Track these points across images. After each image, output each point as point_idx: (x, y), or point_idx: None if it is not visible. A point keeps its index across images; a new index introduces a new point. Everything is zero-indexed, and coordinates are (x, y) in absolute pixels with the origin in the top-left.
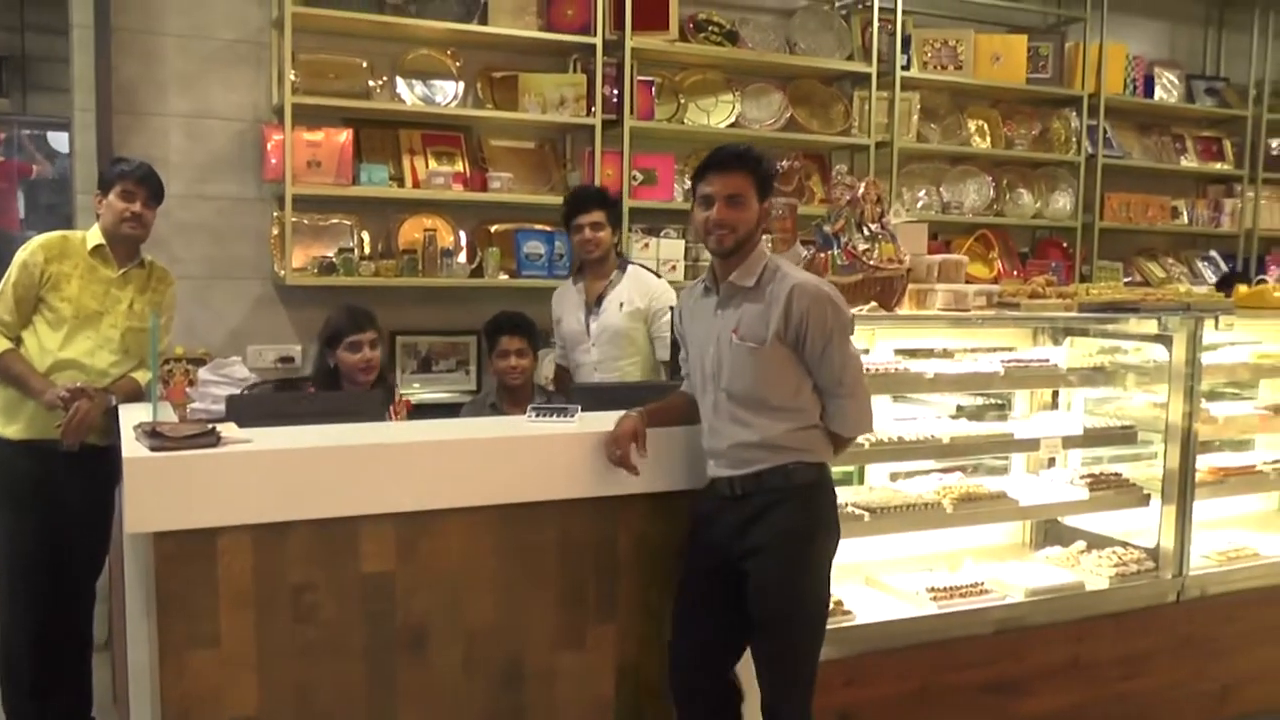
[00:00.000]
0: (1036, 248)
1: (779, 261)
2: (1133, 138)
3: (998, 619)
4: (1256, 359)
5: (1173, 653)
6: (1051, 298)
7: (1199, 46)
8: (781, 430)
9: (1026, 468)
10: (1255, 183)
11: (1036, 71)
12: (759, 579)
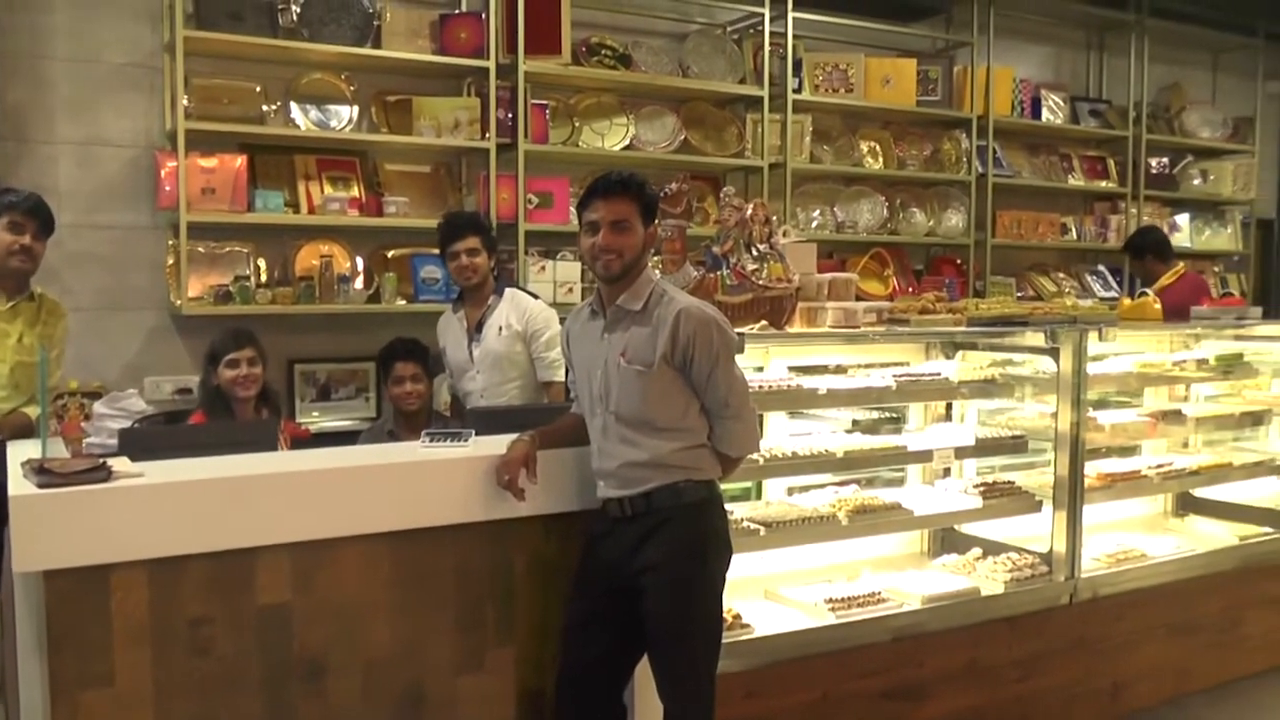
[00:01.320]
0: (931, 264)
1: (666, 285)
2: (1022, 157)
3: (896, 627)
4: (1140, 368)
5: (1066, 653)
6: (942, 313)
7: (1082, 70)
8: (669, 450)
9: (922, 478)
10: (1138, 199)
11: (926, 94)
12: (654, 596)
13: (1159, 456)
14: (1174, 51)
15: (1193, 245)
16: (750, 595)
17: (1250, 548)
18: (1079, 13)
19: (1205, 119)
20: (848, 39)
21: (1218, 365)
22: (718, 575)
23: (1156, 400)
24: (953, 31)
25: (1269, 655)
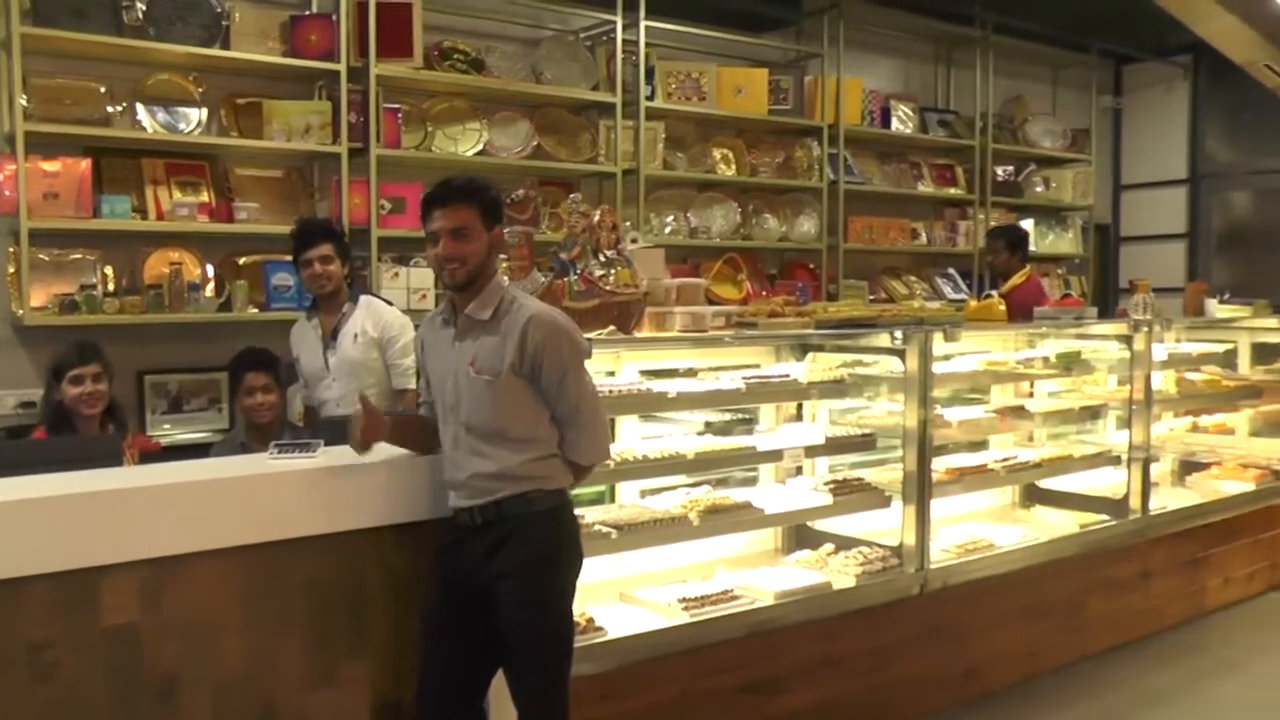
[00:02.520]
0: (784, 269)
1: (516, 292)
2: (873, 165)
3: (750, 623)
4: (986, 367)
5: (919, 642)
6: (790, 316)
7: (931, 82)
8: (519, 461)
9: (774, 477)
10: (985, 206)
11: (778, 103)
12: (507, 604)
13: (1005, 450)
14: (1017, 66)
15: (1037, 249)
16: (605, 598)
17: (1092, 534)
18: (927, 28)
19: (1047, 130)
20: (700, 48)
21: (1059, 363)
22: (569, 583)
23: (1003, 397)
24: (803, 43)
25: (1112, 635)
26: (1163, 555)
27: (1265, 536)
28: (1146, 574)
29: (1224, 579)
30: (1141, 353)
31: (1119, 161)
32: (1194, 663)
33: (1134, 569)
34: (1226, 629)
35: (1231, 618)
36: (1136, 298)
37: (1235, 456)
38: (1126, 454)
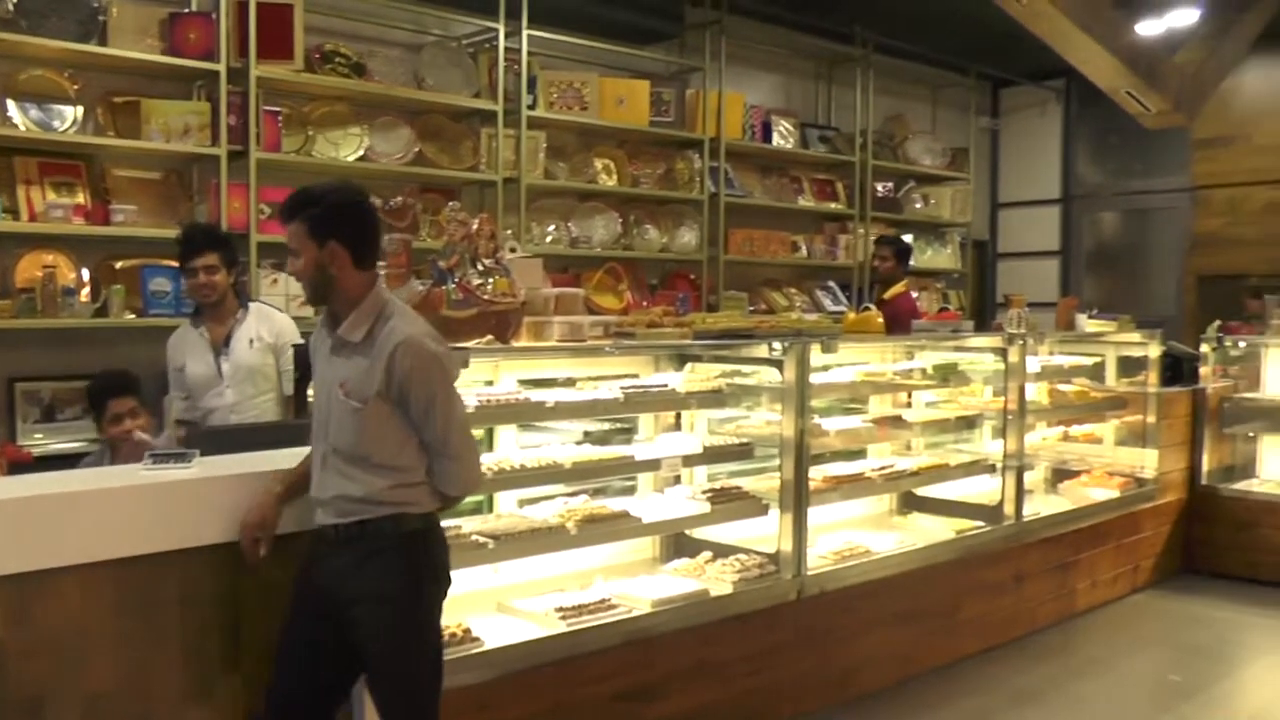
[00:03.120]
0: (665, 279)
1: (394, 310)
2: (754, 179)
3: (626, 631)
4: (863, 377)
5: (795, 646)
6: (669, 327)
7: (812, 98)
8: (384, 487)
9: (653, 486)
10: (865, 220)
11: (660, 115)
12: (366, 628)
13: (882, 459)
14: (897, 85)
15: (916, 264)
16: (482, 609)
17: (966, 540)
18: (808, 45)
19: (926, 148)
20: (583, 58)
21: (936, 374)
22: (433, 607)
23: (881, 407)
24: (686, 56)
25: (985, 637)
26: (1035, 559)
27: (1129, 541)
28: (1020, 577)
29: (1092, 582)
30: (1016, 365)
31: (996, 180)
32: (1063, 662)
33: (1008, 573)
34: (1093, 629)
35: (1098, 619)
36: (1012, 312)
37: (1103, 465)
38: (1001, 462)
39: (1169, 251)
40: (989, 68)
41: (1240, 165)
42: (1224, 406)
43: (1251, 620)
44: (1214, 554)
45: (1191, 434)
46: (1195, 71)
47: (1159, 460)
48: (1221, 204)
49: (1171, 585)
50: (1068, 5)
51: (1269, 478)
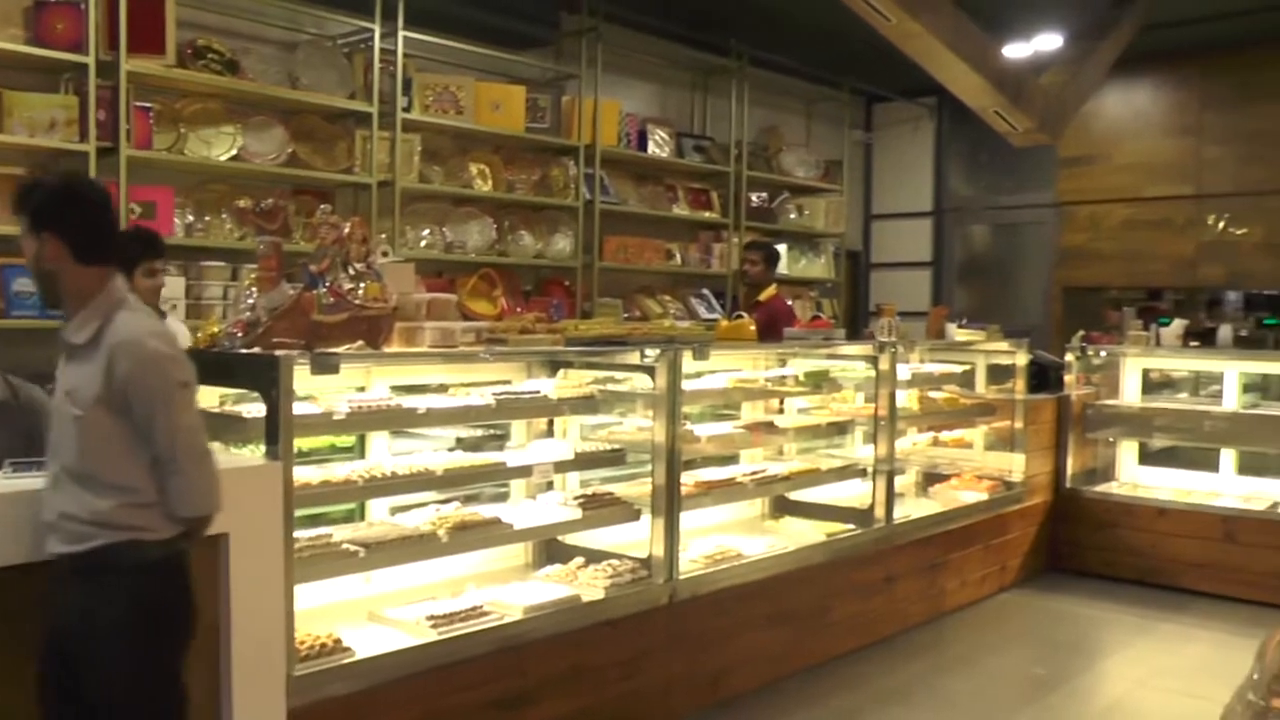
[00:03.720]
0: (540, 286)
1: (125, 309)
2: (629, 186)
3: (498, 638)
4: (735, 384)
5: (667, 650)
6: (541, 333)
7: (687, 108)
8: (110, 507)
9: (526, 493)
10: (739, 230)
11: (536, 121)
12: (90, 669)
13: (755, 464)
14: (772, 98)
15: (790, 273)
16: (354, 618)
17: (837, 543)
18: (684, 56)
19: (800, 160)
20: (459, 62)
21: (808, 381)
22: (169, 653)
23: (753, 413)
24: (562, 63)
25: (855, 637)
26: (905, 561)
27: (996, 542)
28: (890, 578)
29: (961, 581)
30: (886, 372)
31: (869, 192)
32: (932, 660)
33: (878, 574)
34: (962, 628)
35: (967, 617)
36: (883, 320)
37: (972, 469)
38: (872, 467)
39: (1036, 264)
40: (863, 83)
41: (1102, 183)
42: (1087, 413)
43: (1111, 616)
44: (1077, 553)
45: (1056, 439)
46: (1059, 93)
47: (1026, 464)
48: (1085, 220)
49: (1037, 584)
50: (936, 26)
51: (1127, 480)
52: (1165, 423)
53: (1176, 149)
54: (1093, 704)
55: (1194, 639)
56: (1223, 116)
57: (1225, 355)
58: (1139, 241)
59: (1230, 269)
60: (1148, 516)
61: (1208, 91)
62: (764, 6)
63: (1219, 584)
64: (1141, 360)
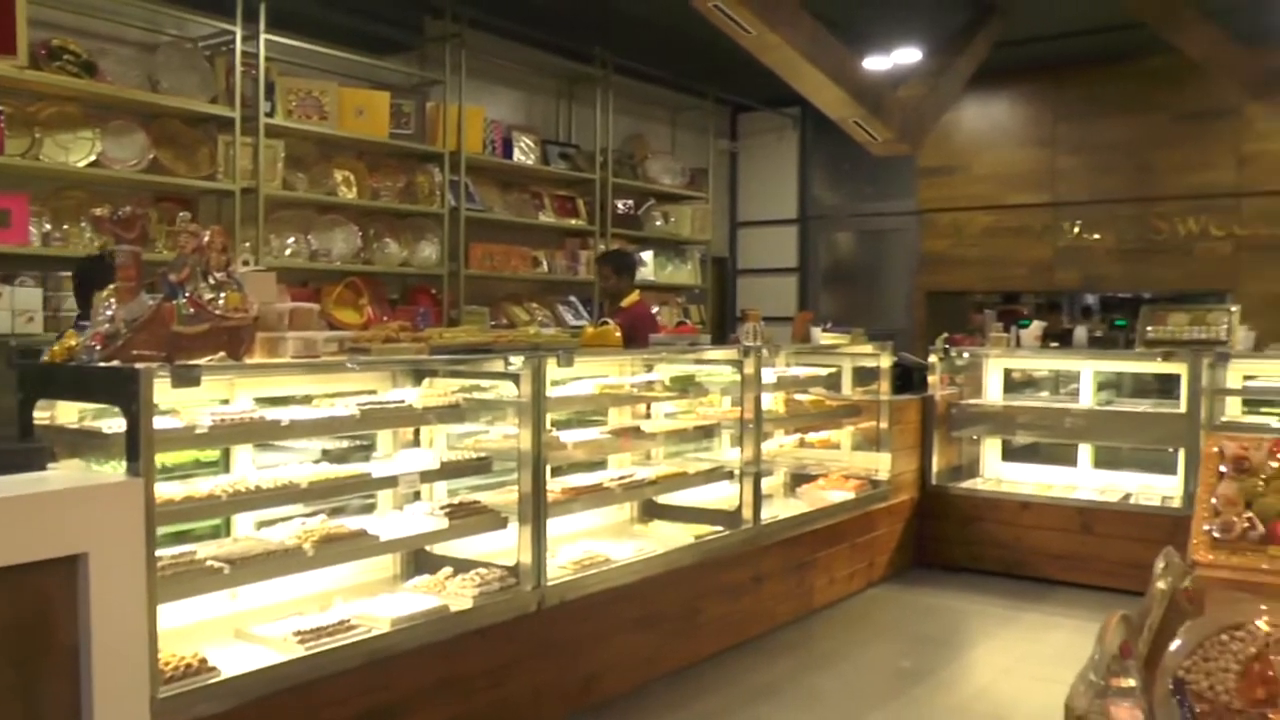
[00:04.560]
0: (407, 294)
1: None
2: (495, 194)
3: (366, 652)
4: (601, 390)
5: (537, 657)
6: (406, 342)
7: (553, 116)
8: None
9: (393, 504)
10: (606, 237)
11: (400, 127)
12: None
13: (622, 469)
14: (637, 106)
15: (657, 279)
16: (219, 636)
17: (705, 545)
18: (549, 63)
19: (666, 168)
20: (322, 66)
21: (674, 386)
22: None
23: (620, 418)
24: (426, 69)
25: (726, 637)
26: (773, 560)
27: (864, 540)
28: (759, 578)
29: (829, 579)
30: (751, 376)
31: (735, 200)
32: (801, 657)
33: (747, 574)
34: (830, 624)
35: (835, 614)
36: (747, 325)
37: (840, 469)
38: (739, 469)
39: (900, 269)
40: (727, 93)
41: (962, 192)
42: (951, 412)
43: (976, 608)
44: (943, 548)
45: (921, 438)
46: (917, 105)
47: (892, 463)
48: (946, 227)
49: (904, 579)
50: (794, 39)
51: (991, 476)
52: (1026, 420)
53: (1032, 159)
54: (957, 694)
55: (1055, 627)
56: (1075, 128)
57: (1081, 355)
58: (999, 247)
59: (1085, 273)
60: (1011, 510)
61: (1060, 105)
62: (629, 15)
63: (1078, 573)
64: (1003, 361)
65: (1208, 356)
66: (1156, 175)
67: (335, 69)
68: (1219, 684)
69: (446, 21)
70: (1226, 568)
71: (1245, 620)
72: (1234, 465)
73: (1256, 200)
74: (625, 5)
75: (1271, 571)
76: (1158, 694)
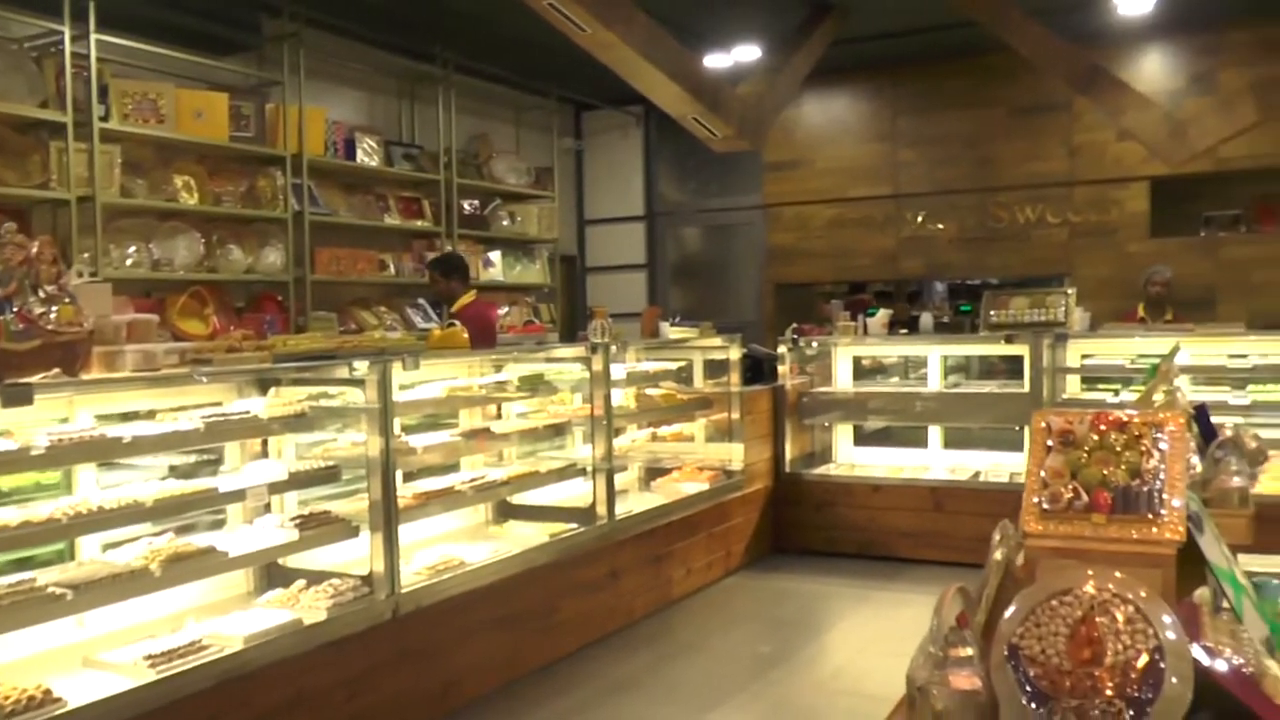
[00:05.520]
0: (253, 302)
1: None
2: (339, 197)
3: (219, 672)
4: (450, 392)
5: (394, 665)
6: (249, 351)
7: (395, 116)
8: None
9: (243, 518)
10: (452, 238)
11: (240, 130)
12: None
13: (474, 471)
14: (480, 105)
15: (505, 279)
16: (66, 666)
17: (561, 543)
18: (389, 62)
19: (511, 167)
20: (157, 67)
21: (524, 385)
22: None
23: (471, 420)
24: (264, 69)
25: (585, 633)
26: (629, 555)
27: (720, 529)
28: (615, 573)
29: (687, 570)
30: (600, 373)
31: (582, 198)
32: (660, 649)
33: (603, 570)
34: (689, 615)
35: (693, 604)
36: (595, 323)
37: (694, 461)
38: (592, 466)
39: (748, 263)
40: (570, 91)
41: (806, 186)
42: (802, 401)
43: (833, 590)
44: (799, 533)
45: (774, 427)
46: (756, 102)
47: (745, 453)
48: (792, 220)
49: (762, 566)
50: (630, 36)
51: (844, 462)
52: (877, 405)
53: (874, 153)
54: (815, 674)
55: (908, 604)
56: (914, 123)
57: (927, 340)
58: (844, 239)
59: (929, 261)
60: (863, 494)
61: (900, 100)
62: (468, 14)
63: (930, 550)
64: (851, 349)
65: (1047, 338)
66: (994, 166)
67: (171, 70)
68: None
69: (284, 20)
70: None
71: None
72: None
73: (1086, 189)
74: (463, 5)
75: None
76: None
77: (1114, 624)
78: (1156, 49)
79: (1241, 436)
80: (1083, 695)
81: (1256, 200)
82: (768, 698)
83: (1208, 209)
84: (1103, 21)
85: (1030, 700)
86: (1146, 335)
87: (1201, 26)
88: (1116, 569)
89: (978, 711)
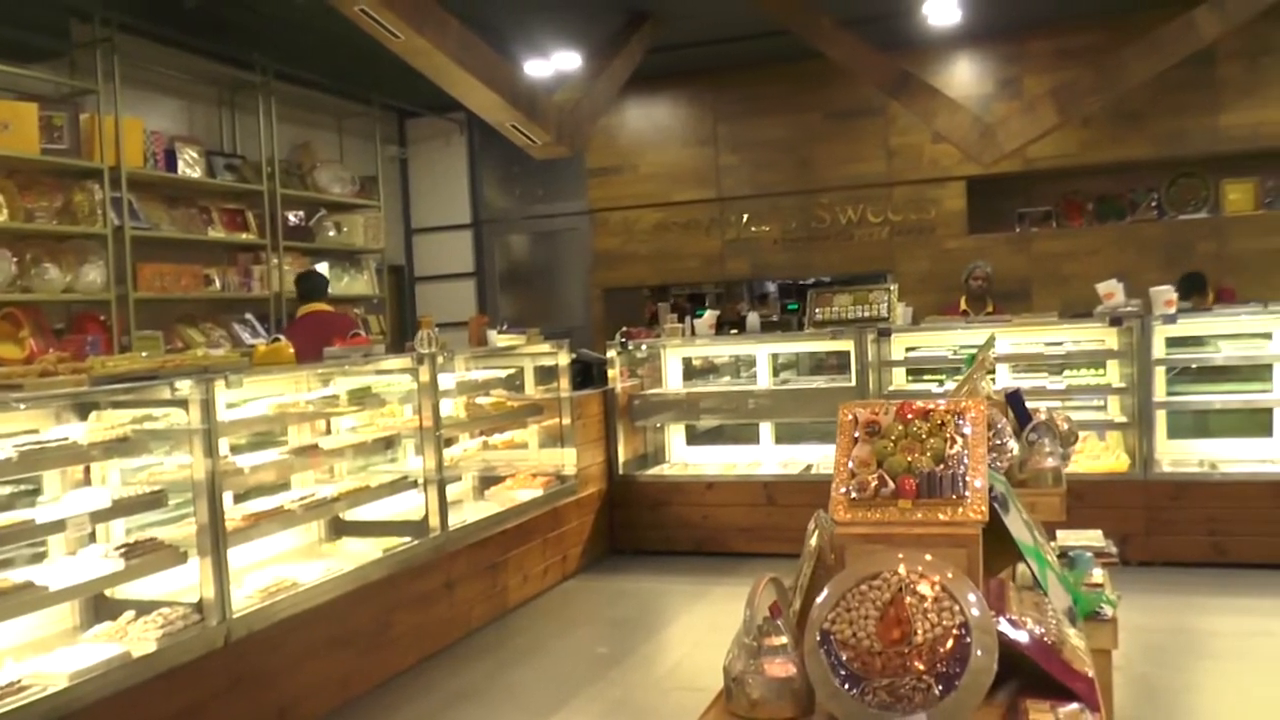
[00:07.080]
0: (73, 323)
1: None
2: (161, 210)
3: (42, 712)
4: (275, 409)
5: (228, 693)
6: (65, 374)
7: (216, 125)
8: None
9: (65, 549)
10: (278, 250)
11: (52, 142)
12: None
13: (304, 489)
14: (302, 113)
15: (333, 291)
16: None
17: (394, 557)
18: (207, 70)
19: (336, 176)
20: None
21: (352, 399)
22: None
23: (300, 437)
24: (77, 77)
25: (421, 647)
26: (464, 565)
27: (555, 534)
28: (450, 584)
29: (523, 577)
30: (428, 383)
31: (409, 207)
32: (498, 656)
33: (438, 582)
34: (526, 621)
35: (531, 610)
36: (421, 333)
37: (527, 468)
38: (423, 478)
39: (575, 268)
40: (392, 98)
41: (630, 191)
42: (633, 403)
43: (669, 588)
44: (635, 534)
45: (606, 430)
46: (574, 109)
47: (578, 457)
48: (617, 225)
49: (599, 568)
50: (443, 43)
51: (677, 461)
52: (709, 405)
53: (697, 157)
54: (653, 671)
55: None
56: (735, 128)
57: (755, 339)
58: (670, 242)
59: (754, 262)
60: (697, 492)
61: (720, 105)
62: (285, 20)
63: (764, 544)
64: (680, 350)
65: (871, 333)
66: (815, 169)
67: None
68: (860, 630)
69: (95, 26)
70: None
71: (881, 569)
72: (866, 429)
73: (904, 189)
74: (278, 10)
75: (901, 523)
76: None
77: (922, 604)
78: (965, 56)
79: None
80: (894, 674)
81: (1064, 197)
82: (606, 698)
83: (1020, 206)
84: (914, 30)
85: (843, 682)
86: (968, 327)
87: (1006, 36)
88: (925, 551)
89: (793, 697)
